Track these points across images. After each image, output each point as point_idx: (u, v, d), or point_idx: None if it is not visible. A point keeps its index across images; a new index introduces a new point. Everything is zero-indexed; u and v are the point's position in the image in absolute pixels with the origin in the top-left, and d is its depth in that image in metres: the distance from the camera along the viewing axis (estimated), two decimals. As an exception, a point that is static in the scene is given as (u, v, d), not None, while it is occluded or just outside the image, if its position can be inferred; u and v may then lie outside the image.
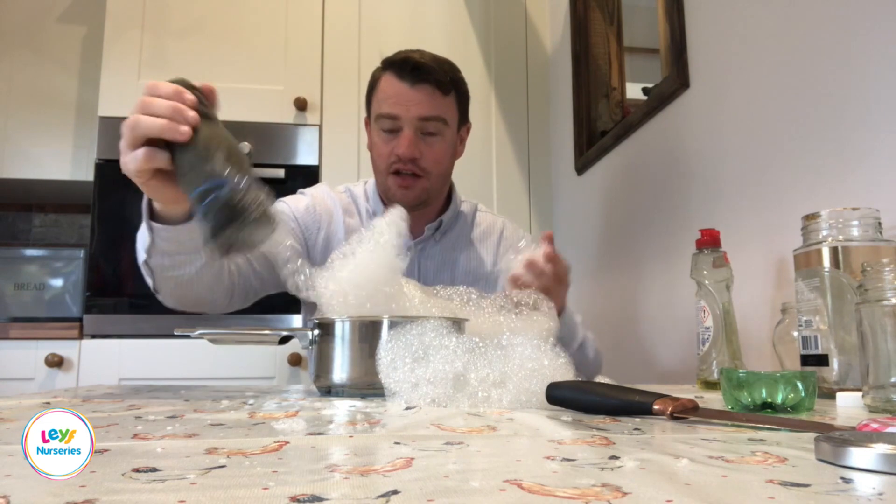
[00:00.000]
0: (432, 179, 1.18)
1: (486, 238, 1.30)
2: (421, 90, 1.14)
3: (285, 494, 0.28)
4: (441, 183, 1.22)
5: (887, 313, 0.61)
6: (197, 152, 0.71)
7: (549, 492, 0.29)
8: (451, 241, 1.26)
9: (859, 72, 0.94)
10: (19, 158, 2.18)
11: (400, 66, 1.15)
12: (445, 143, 1.19)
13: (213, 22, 2.14)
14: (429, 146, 1.16)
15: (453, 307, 0.84)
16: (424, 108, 1.14)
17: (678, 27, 1.42)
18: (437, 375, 0.64)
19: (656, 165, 1.56)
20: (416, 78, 1.13)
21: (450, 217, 1.26)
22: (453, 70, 1.19)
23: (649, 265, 1.56)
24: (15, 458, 0.36)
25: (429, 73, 1.14)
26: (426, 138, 1.16)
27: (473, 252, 1.27)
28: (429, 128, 1.16)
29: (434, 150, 1.17)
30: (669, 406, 0.53)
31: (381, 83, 1.18)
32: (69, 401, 0.68)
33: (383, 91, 1.17)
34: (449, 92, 1.17)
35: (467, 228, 1.30)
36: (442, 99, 1.16)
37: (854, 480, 0.32)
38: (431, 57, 1.17)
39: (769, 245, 1.11)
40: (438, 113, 1.16)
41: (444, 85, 1.16)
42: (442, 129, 1.17)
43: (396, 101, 1.14)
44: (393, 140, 1.16)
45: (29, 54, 2.23)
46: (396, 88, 1.15)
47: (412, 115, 1.14)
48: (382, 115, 1.16)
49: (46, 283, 2.25)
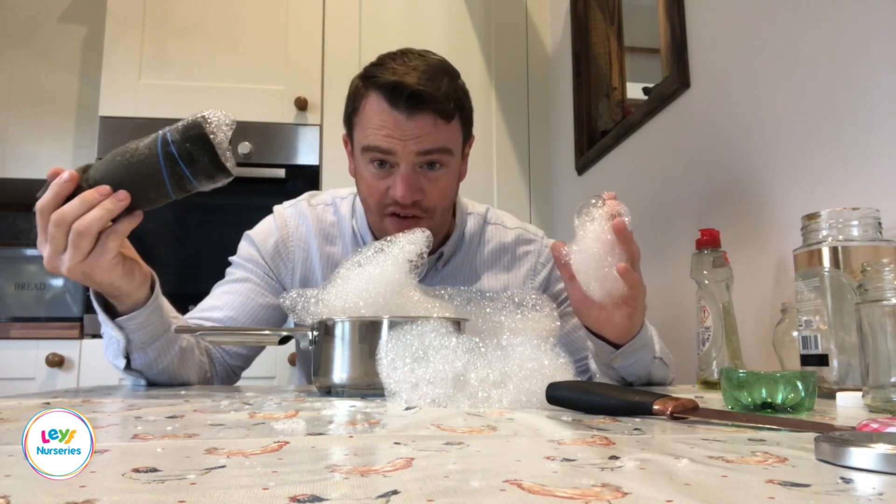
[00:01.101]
0: (436, 217, 1.02)
1: (498, 259, 1.13)
2: (419, 120, 0.94)
3: (285, 494, 0.28)
4: (447, 215, 1.06)
5: (887, 313, 0.61)
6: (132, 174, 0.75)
7: (549, 492, 0.29)
8: (453, 269, 1.11)
9: (859, 72, 0.94)
10: (19, 158, 2.18)
11: (392, 91, 0.93)
12: (450, 174, 1.01)
13: (214, 22, 2.14)
14: (431, 182, 0.98)
15: (453, 307, 0.84)
16: (425, 142, 0.95)
17: (678, 27, 1.42)
18: (437, 375, 0.64)
19: (657, 165, 1.56)
20: (413, 107, 0.93)
21: (453, 246, 1.10)
22: (454, 87, 0.98)
23: (649, 265, 1.55)
24: (15, 458, 0.36)
25: (429, 102, 0.93)
26: (427, 172, 0.98)
27: (483, 277, 1.12)
28: (430, 160, 0.97)
29: (438, 186, 0.99)
30: (669, 406, 0.53)
31: (368, 107, 0.96)
32: (69, 401, 0.68)
33: (370, 119, 0.96)
34: (452, 117, 0.97)
35: (474, 249, 1.12)
36: (445, 126, 0.96)
37: (854, 480, 0.32)
38: (427, 74, 0.94)
39: (769, 245, 1.11)
40: (442, 144, 0.96)
41: (446, 112, 0.95)
42: (445, 160, 0.98)
43: (389, 133, 0.94)
44: (386, 177, 0.97)
45: (29, 54, 2.23)
46: (389, 119, 0.94)
47: (410, 150, 0.94)
48: (372, 147, 0.96)
49: (47, 282, 2.25)
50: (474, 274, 1.12)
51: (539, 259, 1.15)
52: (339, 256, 1.08)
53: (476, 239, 1.13)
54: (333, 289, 0.80)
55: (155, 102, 2.05)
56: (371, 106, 0.96)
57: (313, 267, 1.08)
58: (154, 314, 0.83)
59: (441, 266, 1.10)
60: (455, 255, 1.11)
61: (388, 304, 0.77)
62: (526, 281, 1.13)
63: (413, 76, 0.93)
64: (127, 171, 0.75)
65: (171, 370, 0.89)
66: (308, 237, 1.09)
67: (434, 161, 0.98)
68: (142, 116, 2.03)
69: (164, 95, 2.06)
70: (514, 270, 1.14)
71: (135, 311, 0.82)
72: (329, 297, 0.80)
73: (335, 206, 1.13)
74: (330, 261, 1.08)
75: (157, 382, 0.90)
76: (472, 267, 1.12)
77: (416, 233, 0.83)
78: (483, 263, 1.13)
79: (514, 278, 1.13)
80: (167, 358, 0.87)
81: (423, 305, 0.80)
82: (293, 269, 1.08)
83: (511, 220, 1.19)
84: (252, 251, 1.08)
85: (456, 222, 1.12)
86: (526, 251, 1.15)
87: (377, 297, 0.77)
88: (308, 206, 1.11)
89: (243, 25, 2.15)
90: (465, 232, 1.13)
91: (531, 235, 1.17)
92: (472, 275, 1.11)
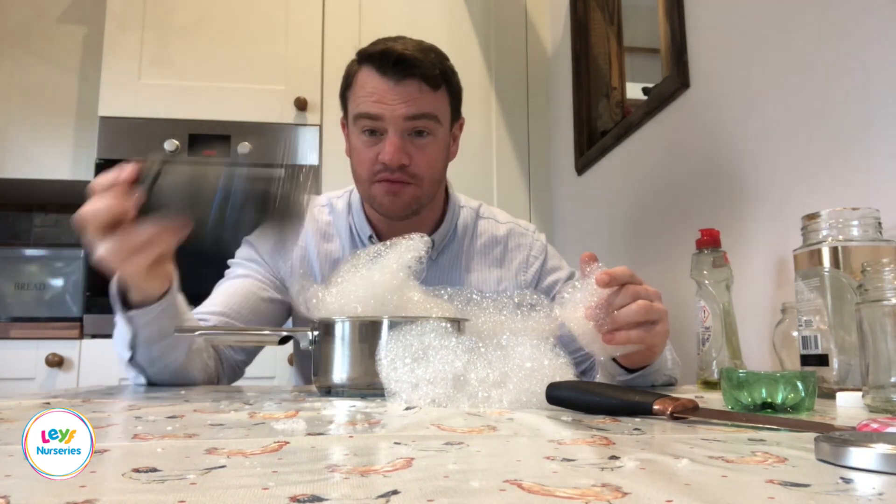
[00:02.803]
0: (424, 186, 1.04)
1: (489, 251, 1.15)
2: (407, 86, 0.99)
3: (285, 494, 0.28)
4: (433, 189, 1.08)
5: (887, 313, 0.61)
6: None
7: (549, 492, 0.29)
8: (448, 259, 1.12)
9: (859, 72, 0.94)
10: (20, 158, 2.18)
11: (380, 58, 0.99)
12: (437, 144, 1.05)
13: (214, 22, 2.14)
14: (419, 149, 1.02)
15: (453, 307, 0.84)
16: (412, 107, 1.00)
17: (678, 27, 1.42)
18: (437, 375, 0.64)
19: (656, 165, 1.56)
20: (400, 72, 0.99)
21: (444, 233, 1.12)
22: (442, 59, 1.05)
23: (649, 265, 1.56)
24: (15, 458, 0.36)
25: (415, 67, 0.99)
26: (415, 140, 1.02)
27: (475, 270, 1.13)
28: (418, 126, 1.01)
29: (426, 153, 1.03)
30: (669, 406, 0.53)
31: (360, 78, 1.03)
32: (69, 401, 0.68)
33: (362, 87, 1.02)
34: (439, 86, 1.03)
35: (467, 242, 1.15)
36: (431, 94, 1.02)
37: (854, 480, 0.32)
38: (416, 45, 1.02)
39: (769, 245, 1.11)
40: (428, 110, 1.02)
41: (432, 79, 1.01)
42: (433, 127, 1.03)
43: (378, 99, 0.99)
44: (376, 144, 1.02)
45: (29, 54, 2.23)
46: (377, 85, 1.00)
47: (398, 114, 0.99)
48: (362, 114, 1.01)
49: (47, 282, 2.25)
50: (467, 266, 1.13)
51: (531, 252, 1.16)
52: (336, 253, 1.10)
53: (469, 232, 1.15)
54: (332, 293, 0.80)
55: (154, 102, 2.05)
56: (362, 76, 1.02)
57: (311, 265, 1.10)
58: (164, 314, 0.82)
59: (435, 255, 1.11)
60: (448, 248, 1.13)
61: (387, 304, 0.77)
62: (518, 274, 1.14)
63: (401, 45, 1.01)
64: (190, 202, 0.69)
65: (173, 369, 0.88)
66: (305, 237, 1.11)
67: (421, 129, 1.02)
68: (141, 116, 2.03)
69: (164, 95, 2.06)
70: (506, 264, 1.15)
71: (146, 308, 0.80)
72: (328, 300, 0.80)
73: (331, 205, 1.15)
74: (328, 258, 1.10)
75: (159, 381, 0.89)
76: (465, 259, 1.13)
77: (414, 238, 0.84)
78: (475, 256, 1.14)
79: (507, 272, 1.15)
80: (171, 357, 0.86)
81: (423, 305, 0.80)
82: (291, 267, 1.09)
83: (503, 215, 1.21)
84: (251, 252, 1.10)
85: (448, 212, 1.14)
86: (518, 244, 1.17)
87: (376, 303, 0.77)
88: None
89: (243, 25, 2.15)
90: (457, 224, 1.15)
91: (523, 230, 1.19)
92: (465, 266, 1.13)
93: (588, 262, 0.79)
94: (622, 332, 0.75)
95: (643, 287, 0.78)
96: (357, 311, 0.77)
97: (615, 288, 0.76)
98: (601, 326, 0.76)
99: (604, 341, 0.76)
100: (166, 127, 2.03)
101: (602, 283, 0.75)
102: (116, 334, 0.86)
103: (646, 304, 0.76)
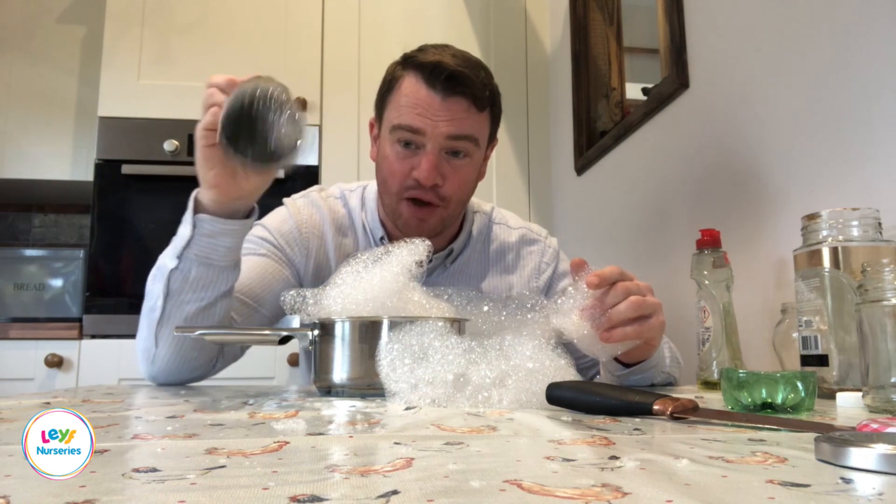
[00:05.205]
0: (451, 208, 1.02)
1: (501, 258, 1.14)
2: (454, 103, 0.96)
3: (285, 494, 0.28)
4: (459, 210, 1.06)
5: (887, 313, 0.61)
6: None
7: (549, 492, 0.29)
8: (461, 266, 1.11)
9: (859, 72, 0.94)
10: (19, 158, 2.18)
11: (431, 71, 0.95)
12: (472, 166, 1.02)
13: (213, 22, 2.14)
14: (454, 170, 0.99)
15: (453, 307, 0.84)
16: (455, 126, 0.96)
17: (678, 27, 1.42)
18: (437, 376, 0.64)
19: (656, 165, 1.56)
20: (450, 89, 0.95)
21: (462, 244, 1.11)
22: (490, 80, 1.02)
23: (649, 265, 1.56)
24: (15, 458, 0.36)
25: (465, 86, 0.96)
26: (451, 160, 0.99)
27: (487, 276, 1.12)
28: (457, 147, 0.98)
29: (459, 175, 1.00)
30: (669, 406, 0.53)
31: (405, 86, 0.98)
32: (69, 401, 0.68)
33: (407, 97, 0.97)
34: (485, 108, 1.00)
35: (480, 248, 1.13)
36: (476, 116, 0.98)
37: (854, 481, 0.32)
38: (465, 60, 0.99)
39: (769, 245, 1.11)
40: (470, 132, 0.98)
41: (481, 100, 0.98)
42: (471, 150, 1.00)
43: (422, 112, 0.96)
44: (411, 157, 0.98)
45: (29, 54, 2.23)
46: (424, 97, 0.96)
47: (440, 132, 0.96)
48: (403, 126, 0.97)
49: (46, 283, 2.25)
50: (480, 272, 1.12)
51: (543, 258, 1.15)
52: (351, 248, 1.08)
53: (482, 237, 1.14)
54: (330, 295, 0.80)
55: (154, 102, 2.05)
56: (407, 85, 0.98)
57: (329, 256, 1.07)
58: (227, 235, 0.82)
59: (450, 263, 1.10)
60: (462, 253, 1.12)
61: (387, 304, 0.77)
62: (530, 280, 1.14)
63: (453, 61, 0.97)
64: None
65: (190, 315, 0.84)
66: (323, 226, 1.08)
67: (459, 149, 0.99)
68: (141, 117, 2.03)
69: (164, 95, 2.05)
70: (518, 270, 1.14)
71: (215, 217, 0.82)
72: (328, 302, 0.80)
73: (344, 198, 1.13)
74: (343, 252, 1.07)
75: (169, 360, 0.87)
76: (478, 265, 1.12)
77: (415, 242, 0.83)
78: (488, 262, 1.13)
79: (519, 278, 1.14)
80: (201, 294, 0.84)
81: (423, 306, 0.80)
82: (307, 256, 1.06)
83: (515, 220, 1.20)
84: (265, 233, 1.05)
85: (466, 222, 1.13)
86: (530, 251, 1.16)
87: (376, 305, 0.77)
88: (319, 198, 1.11)
89: (243, 25, 2.15)
90: (472, 230, 1.13)
91: (535, 235, 1.18)
92: (477, 273, 1.12)
93: (578, 268, 0.79)
94: (618, 329, 0.76)
95: (634, 283, 0.78)
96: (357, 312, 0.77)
97: (606, 288, 0.77)
98: (598, 328, 0.76)
99: (601, 340, 0.76)
100: (166, 127, 2.03)
101: (592, 285, 0.76)
102: (169, 247, 0.85)
103: (638, 300, 0.76)
